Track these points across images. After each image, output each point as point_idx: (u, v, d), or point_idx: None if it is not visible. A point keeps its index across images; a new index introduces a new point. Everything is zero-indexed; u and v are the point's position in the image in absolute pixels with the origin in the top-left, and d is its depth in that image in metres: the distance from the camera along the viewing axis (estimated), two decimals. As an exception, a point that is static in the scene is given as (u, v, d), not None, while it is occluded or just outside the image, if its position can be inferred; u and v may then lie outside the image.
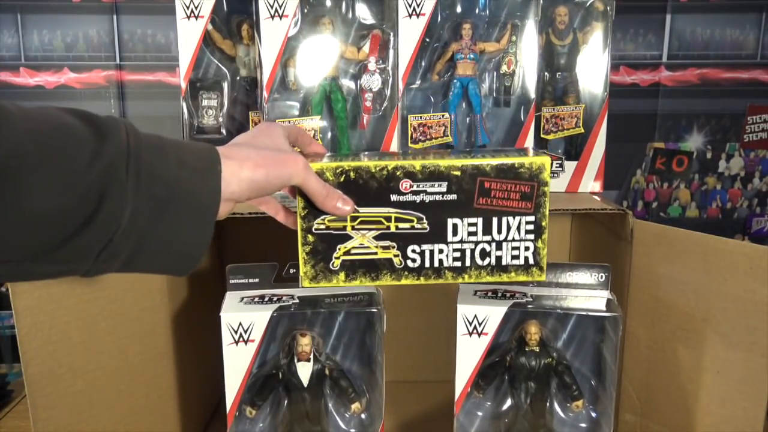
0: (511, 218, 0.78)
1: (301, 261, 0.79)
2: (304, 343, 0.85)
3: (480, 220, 0.78)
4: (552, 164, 1.04)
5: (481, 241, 0.78)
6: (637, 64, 1.34)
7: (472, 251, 0.79)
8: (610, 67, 1.03)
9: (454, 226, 0.78)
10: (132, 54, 1.35)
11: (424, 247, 0.78)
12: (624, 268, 0.93)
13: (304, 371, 0.86)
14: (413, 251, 0.79)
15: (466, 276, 0.80)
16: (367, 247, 0.78)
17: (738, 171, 1.40)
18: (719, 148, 1.39)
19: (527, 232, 0.78)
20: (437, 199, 0.77)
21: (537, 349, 0.86)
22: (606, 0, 1.01)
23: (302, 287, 0.80)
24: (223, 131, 1.03)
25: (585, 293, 0.86)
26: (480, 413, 0.90)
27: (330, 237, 0.78)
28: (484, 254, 0.79)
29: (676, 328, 0.90)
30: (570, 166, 1.05)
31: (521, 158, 0.77)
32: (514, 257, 0.79)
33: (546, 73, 1.04)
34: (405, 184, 0.77)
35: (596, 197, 1.02)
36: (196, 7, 0.98)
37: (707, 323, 0.86)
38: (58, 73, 1.35)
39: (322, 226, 0.77)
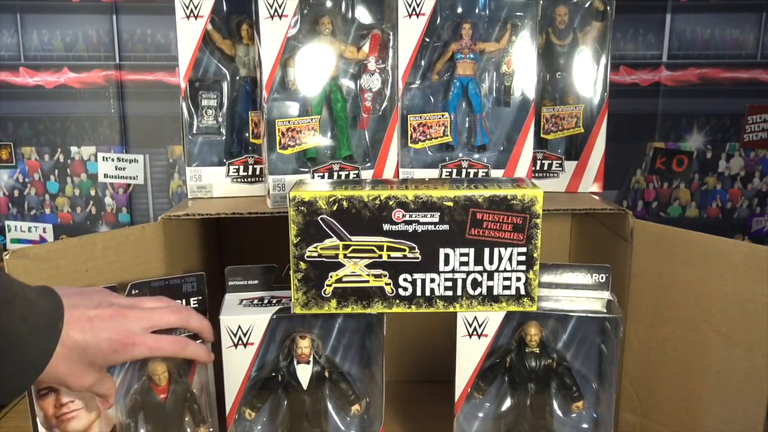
0: (503, 249, 0.79)
1: (293, 288, 0.80)
2: (304, 345, 0.85)
3: (472, 251, 0.79)
4: (552, 164, 1.05)
5: (473, 271, 0.80)
6: (637, 64, 1.34)
7: (464, 281, 0.80)
8: (610, 67, 1.03)
9: (446, 256, 0.79)
10: (131, 54, 1.35)
11: (416, 276, 0.80)
12: (624, 268, 0.93)
13: (304, 373, 0.86)
14: (405, 280, 0.80)
15: (458, 305, 0.81)
16: (359, 275, 0.80)
17: (738, 171, 1.40)
18: (719, 148, 1.39)
19: (519, 263, 0.79)
20: (429, 229, 0.78)
21: (537, 350, 0.86)
22: (606, 0, 1.01)
23: (294, 313, 0.81)
24: (223, 131, 1.03)
25: (585, 294, 0.86)
26: (480, 414, 0.90)
27: (322, 264, 0.79)
28: (476, 284, 0.80)
29: (677, 328, 0.90)
30: (570, 166, 1.05)
31: (514, 190, 0.78)
32: (505, 287, 0.80)
33: (546, 73, 1.04)
34: (397, 214, 0.78)
35: (596, 197, 1.02)
36: (195, 7, 0.97)
37: (707, 323, 0.86)
38: (57, 73, 1.35)
39: (315, 254, 0.79)
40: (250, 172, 1.03)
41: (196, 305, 0.85)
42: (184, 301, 0.85)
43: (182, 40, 0.99)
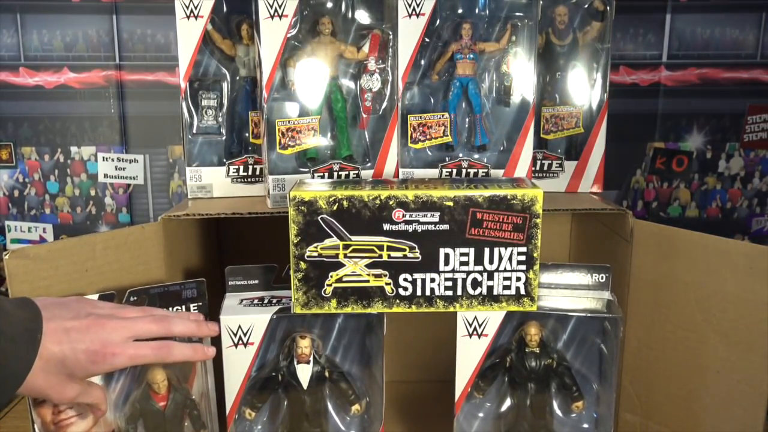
0: (503, 249, 0.79)
1: (293, 287, 0.80)
2: (304, 345, 0.85)
3: (472, 251, 0.79)
4: (552, 164, 1.05)
5: (473, 271, 0.80)
6: (637, 64, 1.34)
7: (464, 281, 0.80)
8: (610, 67, 1.03)
9: (446, 255, 0.79)
10: (131, 54, 1.35)
11: (416, 276, 0.80)
12: (624, 268, 0.93)
13: (304, 373, 0.86)
14: (405, 280, 0.80)
15: (458, 305, 0.81)
16: (359, 275, 0.80)
17: (738, 171, 1.40)
18: (719, 147, 1.39)
19: (519, 262, 0.80)
20: (429, 228, 0.78)
21: (537, 350, 0.86)
22: (606, 0, 1.01)
23: (294, 313, 0.81)
24: (223, 131, 1.03)
25: (585, 294, 0.86)
26: (480, 414, 0.90)
27: (322, 264, 0.79)
28: (476, 284, 0.80)
29: (676, 328, 0.90)
30: (570, 166, 1.05)
31: (514, 190, 0.78)
32: (505, 287, 0.80)
33: (546, 73, 1.04)
34: (398, 214, 0.78)
35: (596, 197, 1.02)
36: (195, 7, 0.97)
37: (707, 323, 0.86)
38: (57, 73, 1.35)
39: (315, 254, 0.79)
40: (250, 172, 1.03)
41: (196, 311, 0.85)
42: (183, 307, 0.84)
43: (182, 41, 0.99)
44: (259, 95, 0.97)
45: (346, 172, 0.98)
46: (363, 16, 0.97)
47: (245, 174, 1.03)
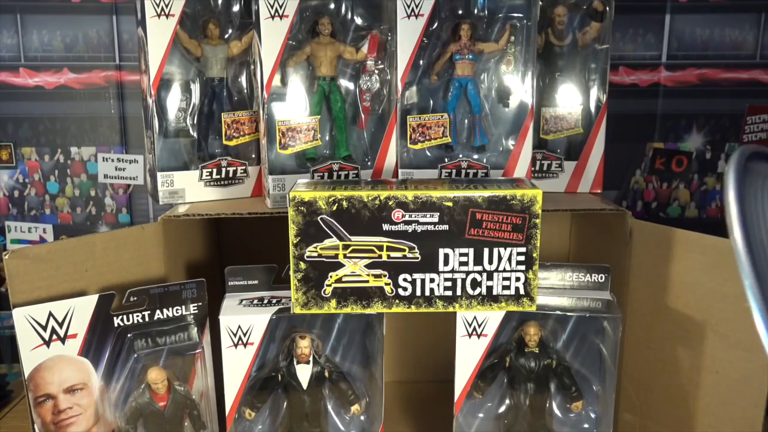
0: (502, 249, 0.79)
1: (292, 287, 0.80)
2: (304, 345, 0.85)
3: (471, 251, 0.80)
4: (551, 165, 1.05)
5: (472, 271, 0.80)
6: (636, 65, 1.34)
7: (463, 281, 0.80)
8: (609, 67, 1.03)
9: (446, 256, 0.80)
10: (131, 54, 1.34)
11: (416, 276, 0.80)
12: (623, 268, 0.93)
13: (304, 373, 0.86)
14: (404, 280, 0.80)
15: (457, 305, 0.82)
16: (359, 275, 0.80)
17: (737, 171, 1.40)
18: (719, 148, 1.39)
19: (518, 263, 0.80)
20: (429, 229, 0.79)
21: (536, 350, 0.86)
22: (605, 0, 1.01)
23: (293, 313, 0.81)
24: (194, 134, 1.01)
25: (585, 294, 0.86)
26: (480, 414, 0.90)
27: (322, 264, 0.79)
28: (475, 284, 0.80)
29: (676, 328, 0.90)
30: (569, 166, 1.05)
31: (513, 190, 0.78)
32: (504, 287, 0.81)
33: (545, 74, 1.04)
34: (397, 214, 0.78)
35: (596, 197, 1.02)
36: (166, 5, 0.95)
37: (707, 323, 0.86)
38: (57, 74, 1.35)
39: (315, 254, 0.79)
40: (223, 175, 1.01)
41: (196, 311, 0.85)
42: (183, 307, 0.84)
43: (152, 40, 0.95)
44: (259, 95, 0.97)
45: (346, 173, 0.99)
46: (362, 17, 0.98)
47: (218, 177, 1.01)
